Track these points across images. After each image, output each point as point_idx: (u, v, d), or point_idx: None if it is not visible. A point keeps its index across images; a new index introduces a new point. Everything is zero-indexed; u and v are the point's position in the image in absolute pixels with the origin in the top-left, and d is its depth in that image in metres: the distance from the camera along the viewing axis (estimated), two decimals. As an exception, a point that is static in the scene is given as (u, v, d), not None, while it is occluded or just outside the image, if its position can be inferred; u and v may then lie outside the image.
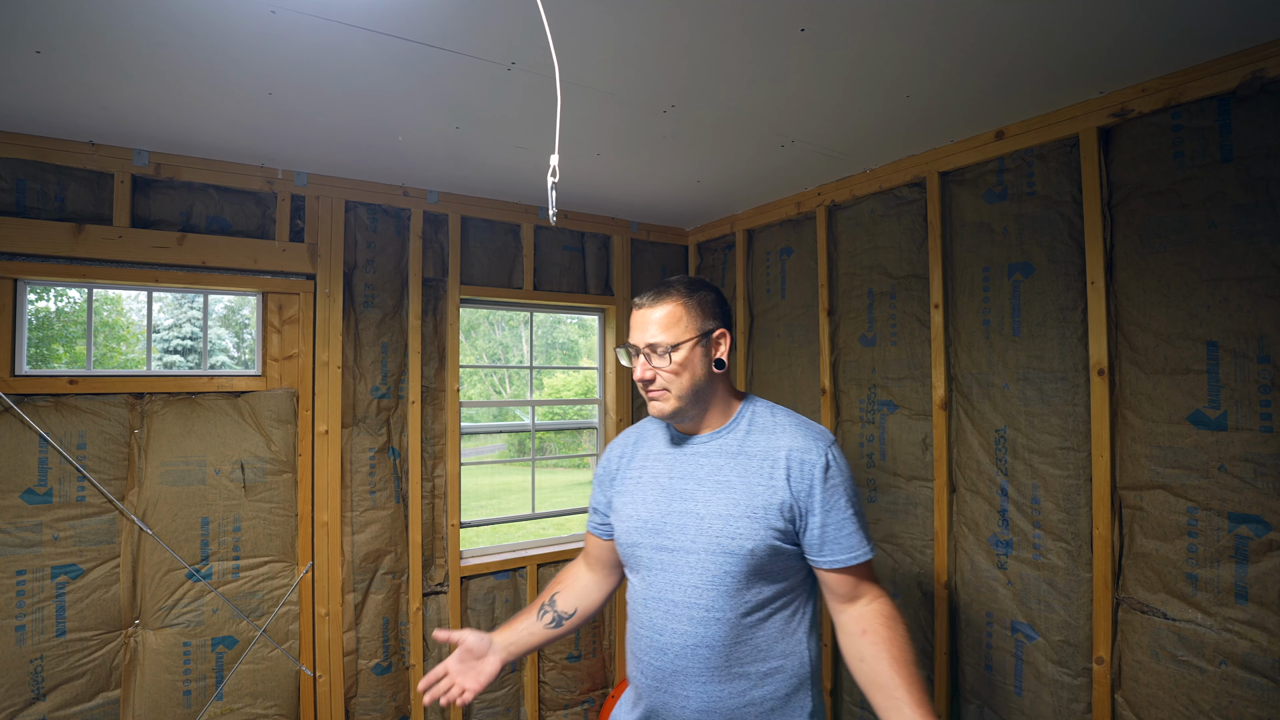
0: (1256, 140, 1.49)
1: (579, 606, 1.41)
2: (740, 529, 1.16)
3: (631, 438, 1.39)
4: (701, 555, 1.17)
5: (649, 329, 1.22)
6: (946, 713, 2.10)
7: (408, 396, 2.54)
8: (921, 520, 2.20)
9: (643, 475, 1.30)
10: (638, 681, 1.26)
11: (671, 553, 1.20)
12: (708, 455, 1.25)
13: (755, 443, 1.23)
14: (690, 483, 1.23)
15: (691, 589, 1.17)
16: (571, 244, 2.95)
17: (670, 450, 1.30)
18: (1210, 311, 1.56)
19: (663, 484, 1.26)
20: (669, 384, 1.21)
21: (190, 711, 2.11)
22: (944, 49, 1.49)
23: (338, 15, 1.34)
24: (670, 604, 1.19)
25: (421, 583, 2.53)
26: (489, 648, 1.32)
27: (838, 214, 2.52)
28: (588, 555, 1.45)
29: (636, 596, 1.27)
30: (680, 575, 1.19)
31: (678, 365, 1.20)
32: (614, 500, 1.34)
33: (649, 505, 1.25)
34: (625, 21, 1.37)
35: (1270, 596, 1.46)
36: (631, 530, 1.26)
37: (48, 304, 13.44)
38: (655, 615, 1.21)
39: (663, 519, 1.22)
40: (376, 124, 1.91)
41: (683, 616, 1.17)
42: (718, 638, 1.15)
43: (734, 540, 1.15)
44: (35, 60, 1.51)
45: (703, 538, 1.17)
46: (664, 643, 1.19)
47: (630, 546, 1.27)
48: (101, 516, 2.03)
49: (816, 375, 2.59)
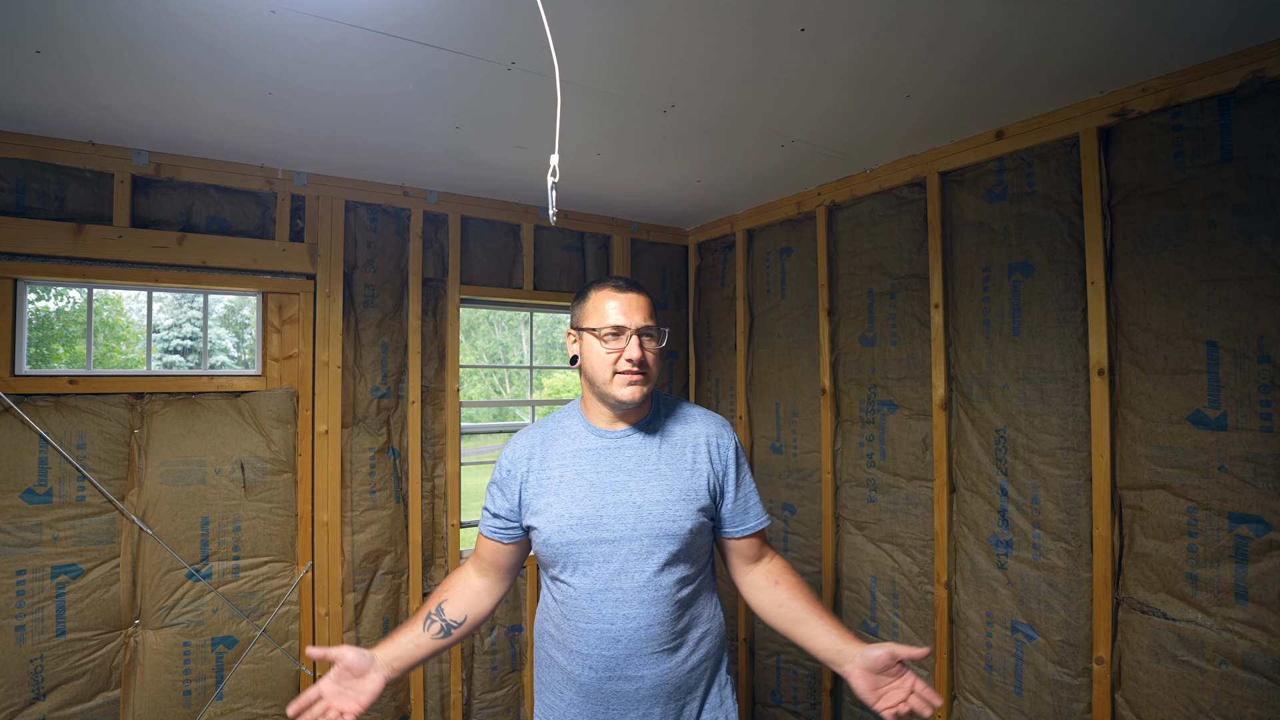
0: (1256, 140, 1.49)
1: (469, 614, 1.35)
2: (678, 512, 1.26)
3: (535, 439, 1.36)
4: (644, 541, 1.24)
5: (639, 313, 1.27)
6: (947, 713, 2.10)
7: (408, 396, 2.54)
8: (921, 520, 2.20)
9: (564, 474, 1.30)
10: (583, 679, 1.25)
11: (613, 544, 1.24)
12: (634, 447, 1.30)
13: (673, 432, 1.34)
14: (620, 474, 1.28)
15: (638, 573, 1.23)
16: (571, 244, 2.95)
17: (592, 446, 1.31)
18: (1210, 311, 1.56)
19: (590, 479, 1.28)
20: (652, 367, 1.28)
21: (190, 711, 2.11)
22: (944, 49, 1.49)
23: (338, 15, 1.34)
24: (620, 592, 1.23)
25: (422, 583, 2.53)
26: (370, 664, 1.22)
27: (838, 214, 2.52)
28: (480, 560, 1.39)
29: (575, 594, 1.26)
30: (626, 563, 1.24)
31: (661, 349, 1.31)
32: (531, 503, 1.31)
33: (580, 502, 1.26)
34: (625, 21, 1.37)
35: (1270, 596, 1.46)
36: (565, 529, 1.25)
37: (48, 304, 13.44)
38: (604, 607, 1.24)
39: (598, 513, 1.25)
40: (376, 124, 1.91)
41: (633, 601, 1.23)
42: (666, 614, 1.24)
43: (674, 523, 1.25)
44: (35, 60, 1.51)
45: (643, 524, 1.24)
46: (616, 631, 1.23)
47: (565, 545, 1.25)
48: (101, 516, 2.03)
49: (816, 375, 2.59)
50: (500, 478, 1.36)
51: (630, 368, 1.25)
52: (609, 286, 1.30)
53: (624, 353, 1.25)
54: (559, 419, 1.39)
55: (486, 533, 1.38)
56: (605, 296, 1.29)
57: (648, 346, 1.28)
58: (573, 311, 1.36)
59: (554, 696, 1.32)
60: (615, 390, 1.26)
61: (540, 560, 1.35)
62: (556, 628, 1.31)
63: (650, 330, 1.28)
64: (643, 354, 1.26)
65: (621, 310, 1.26)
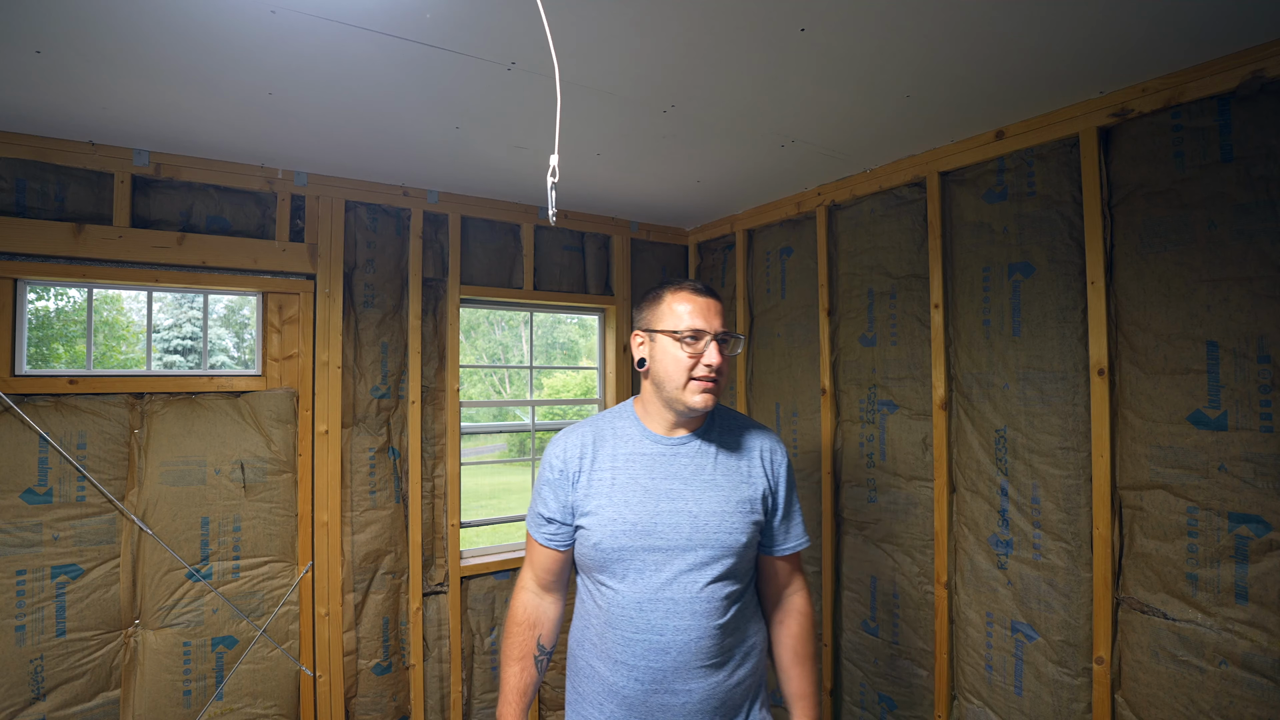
0: (1256, 140, 1.49)
1: (554, 641, 1.37)
2: (735, 524, 1.23)
3: (586, 438, 1.32)
4: (699, 551, 1.21)
5: (718, 318, 1.25)
6: (947, 713, 2.10)
7: (408, 396, 2.54)
8: (921, 520, 2.20)
9: (617, 477, 1.26)
10: (626, 691, 1.21)
11: (665, 552, 1.21)
12: (690, 455, 1.28)
13: (729, 442, 1.32)
14: (675, 482, 1.25)
15: (690, 584, 1.20)
16: (571, 244, 2.95)
17: (647, 451, 1.28)
18: (1210, 311, 1.56)
19: (645, 485, 1.24)
20: (724, 375, 1.25)
21: (190, 711, 2.11)
22: (944, 49, 1.49)
23: (338, 15, 1.34)
24: (669, 602, 1.19)
25: (421, 582, 2.53)
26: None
27: (838, 214, 2.52)
28: (541, 574, 1.34)
29: (623, 601, 1.22)
30: (678, 573, 1.20)
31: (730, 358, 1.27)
32: (580, 504, 1.27)
33: (634, 507, 1.22)
34: (625, 21, 1.37)
35: (1270, 596, 1.46)
36: (617, 534, 1.21)
37: (48, 304, 13.44)
38: (653, 617, 1.19)
39: (652, 520, 1.21)
40: (376, 124, 1.91)
41: (684, 612, 1.19)
42: (716, 627, 1.21)
43: (730, 535, 1.23)
44: (35, 60, 1.51)
45: (699, 535, 1.21)
46: (665, 642, 1.19)
47: (616, 550, 1.22)
48: (101, 516, 2.03)
49: (816, 375, 2.59)
50: (552, 478, 1.31)
51: (708, 373, 1.21)
52: (687, 289, 1.26)
53: (703, 358, 1.21)
54: (609, 420, 1.34)
55: (544, 541, 1.31)
56: (683, 299, 1.25)
57: (726, 353, 1.25)
58: (640, 312, 1.32)
59: (592, 709, 1.27)
60: (688, 396, 1.22)
61: (582, 564, 1.30)
62: (599, 636, 1.26)
63: (727, 336, 1.25)
64: (722, 360, 1.23)
65: (701, 314, 1.23)
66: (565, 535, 1.30)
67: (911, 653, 2.23)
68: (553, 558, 1.33)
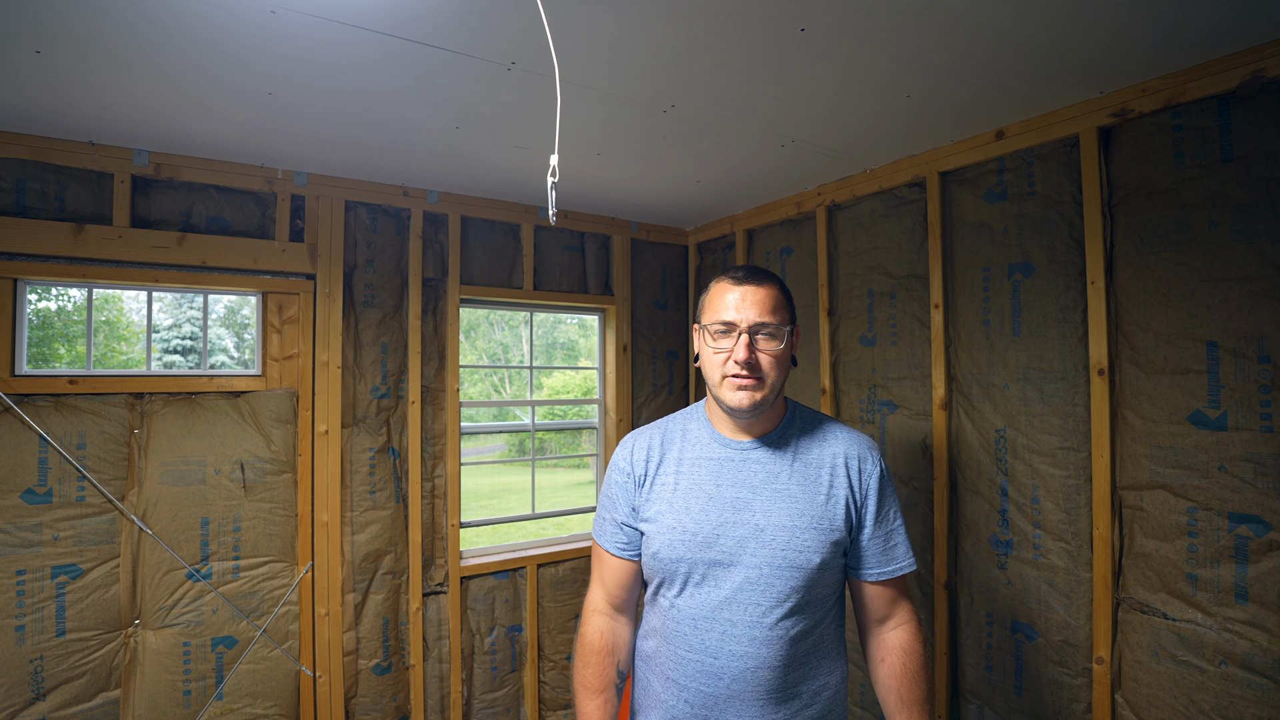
0: (1256, 140, 1.49)
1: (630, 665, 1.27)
2: (807, 541, 1.09)
3: (654, 439, 1.24)
4: (764, 570, 1.08)
5: (754, 308, 1.11)
6: (947, 713, 2.10)
7: (408, 396, 2.54)
8: (921, 520, 2.20)
9: (680, 482, 1.17)
10: (677, 711, 1.13)
11: (727, 568, 1.10)
12: (761, 461, 1.15)
13: (809, 448, 1.16)
14: (744, 491, 1.13)
15: (752, 606, 1.08)
16: (571, 244, 2.95)
17: (715, 455, 1.17)
18: (1210, 311, 1.56)
19: (709, 492, 1.14)
20: (768, 371, 1.12)
21: (190, 711, 2.11)
22: (944, 49, 1.49)
23: (338, 15, 1.34)
24: (727, 624, 1.09)
25: (421, 583, 2.53)
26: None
27: (838, 214, 2.52)
28: (614, 590, 1.24)
29: (679, 616, 1.13)
30: (738, 592, 1.09)
31: (778, 352, 1.12)
32: (642, 508, 1.19)
33: (695, 516, 1.13)
34: (625, 21, 1.37)
35: (1270, 596, 1.46)
36: (676, 544, 1.13)
37: (48, 304, 13.44)
38: (709, 637, 1.10)
39: (715, 531, 1.11)
40: (376, 124, 1.91)
41: (742, 637, 1.08)
42: (779, 658, 1.08)
43: (801, 554, 1.09)
44: (35, 60, 1.51)
45: (765, 551, 1.09)
46: (719, 666, 1.09)
47: (673, 562, 1.13)
48: (101, 516, 2.03)
49: (817, 375, 2.59)
50: (620, 480, 1.23)
51: (737, 370, 1.10)
52: (726, 278, 1.16)
53: (732, 353, 1.11)
54: (680, 420, 1.27)
55: (617, 550, 1.23)
56: (722, 289, 1.15)
57: (764, 347, 1.12)
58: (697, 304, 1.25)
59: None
60: (724, 394, 1.13)
61: (645, 573, 1.22)
62: (655, 649, 1.18)
63: (768, 327, 1.11)
64: (751, 355, 1.10)
65: (736, 304, 1.12)
66: (638, 544, 1.22)
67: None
68: (626, 570, 1.23)
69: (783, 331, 1.13)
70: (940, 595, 2.12)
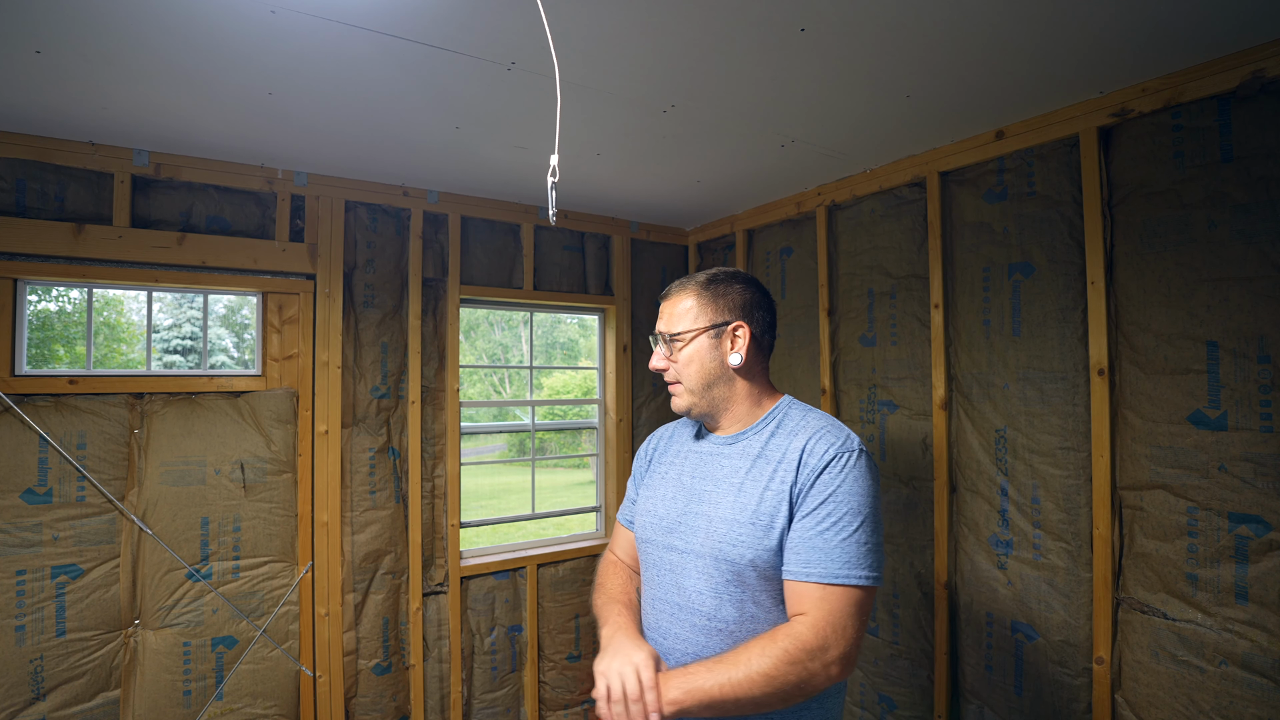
0: (1256, 140, 1.49)
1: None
2: (741, 536, 1.08)
3: (668, 432, 1.37)
4: (705, 560, 1.11)
5: (663, 319, 1.23)
6: (947, 713, 2.10)
7: (408, 396, 2.54)
8: (921, 520, 2.20)
9: (668, 471, 1.27)
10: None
11: (680, 554, 1.15)
12: (729, 456, 1.18)
13: (777, 445, 1.13)
14: (708, 483, 1.18)
15: (695, 594, 1.12)
16: (571, 244, 2.95)
17: (695, 448, 1.25)
18: (1210, 311, 1.56)
19: (684, 483, 1.22)
20: (679, 376, 1.20)
21: (190, 711, 2.11)
22: (944, 49, 1.49)
23: (338, 15, 1.34)
24: (674, 607, 1.15)
25: (421, 583, 2.53)
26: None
27: (838, 214, 2.52)
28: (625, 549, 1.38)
29: (645, 596, 1.24)
30: (685, 579, 1.14)
31: (685, 357, 1.19)
32: (641, 493, 1.31)
33: (666, 503, 1.22)
34: (625, 21, 1.37)
35: (1270, 596, 1.46)
36: (647, 526, 1.23)
37: (48, 304, 13.44)
38: (660, 618, 1.17)
39: (678, 519, 1.18)
40: (376, 124, 1.91)
41: (685, 623, 1.13)
42: (719, 649, 1.08)
43: (734, 548, 1.08)
44: (35, 60, 1.51)
45: (709, 542, 1.11)
46: (666, 647, 1.15)
47: (644, 543, 1.24)
48: (101, 516, 2.03)
49: (816, 375, 2.59)
50: (637, 465, 1.39)
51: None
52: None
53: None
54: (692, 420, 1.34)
55: (621, 519, 1.39)
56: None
57: (674, 354, 1.20)
58: None
59: None
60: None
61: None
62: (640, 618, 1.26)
63: (674, 335, 1.19)
64: (662, 363, 1.22)
65: (660, 316, 1.24)
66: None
67: (911, 653, 2.23)
68: (626, 535, 1.38)
69: (687, 335, 1.18)
70: (940, 595, 2.12)
